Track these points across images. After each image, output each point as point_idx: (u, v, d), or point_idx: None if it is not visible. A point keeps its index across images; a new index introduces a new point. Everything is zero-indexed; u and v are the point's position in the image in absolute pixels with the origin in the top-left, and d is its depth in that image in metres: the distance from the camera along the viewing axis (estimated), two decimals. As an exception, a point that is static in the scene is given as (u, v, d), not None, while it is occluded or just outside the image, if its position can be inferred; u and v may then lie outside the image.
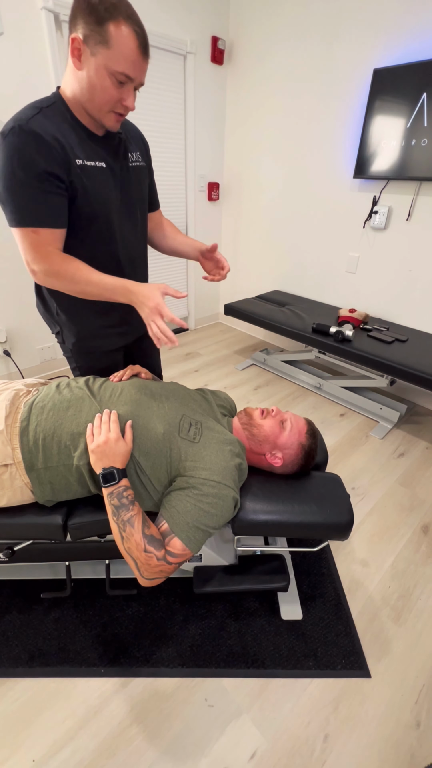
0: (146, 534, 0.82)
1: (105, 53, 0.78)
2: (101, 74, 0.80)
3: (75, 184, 0.88)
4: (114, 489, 0.84)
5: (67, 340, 1.14)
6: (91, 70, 0.80)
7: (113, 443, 0.85)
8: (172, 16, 2.27)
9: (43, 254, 0.90)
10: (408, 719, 0.99)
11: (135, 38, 0.78)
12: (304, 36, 2.20)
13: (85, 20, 0.76)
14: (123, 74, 0.80)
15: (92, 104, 0.85)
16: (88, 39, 0.77)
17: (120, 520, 0.82)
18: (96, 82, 0.81)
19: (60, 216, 0.90)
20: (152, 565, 0.81)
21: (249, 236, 3.03)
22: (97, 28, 0.76)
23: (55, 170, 0.84)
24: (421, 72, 1.76)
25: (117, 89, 0.82)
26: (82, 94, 0.85)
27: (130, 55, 0.79)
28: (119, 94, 0.83)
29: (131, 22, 0.77)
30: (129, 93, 0.84)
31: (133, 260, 1.12)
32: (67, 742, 0.93)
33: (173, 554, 0.82)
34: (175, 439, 0.91)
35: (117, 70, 0.79)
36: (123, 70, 0.80)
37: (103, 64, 0.79)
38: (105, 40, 0.76)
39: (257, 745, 0.94)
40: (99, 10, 0.75)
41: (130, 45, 0.78)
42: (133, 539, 0.81)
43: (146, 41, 0.81)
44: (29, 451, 0.89)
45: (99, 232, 0.98)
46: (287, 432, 1.02)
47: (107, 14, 0.75)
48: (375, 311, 2.40)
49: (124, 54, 0.78)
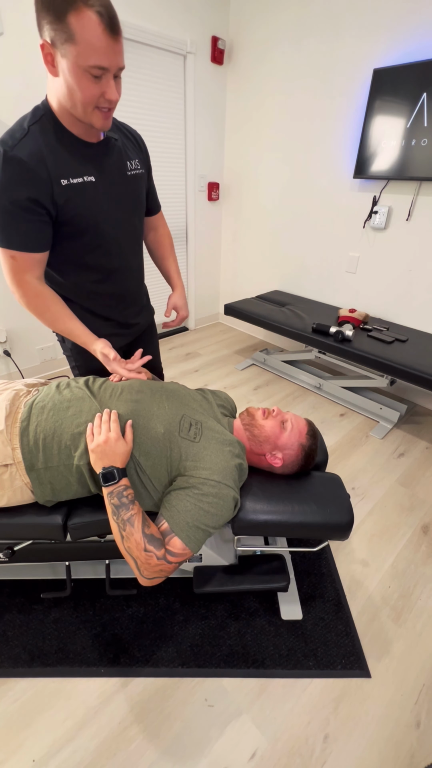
0: (146, 533, 0.82)
1: (73, 50, 0.72)
2: (76, 73, 0.75)
3: (60, 203, 0.89)
4: (114, 488, 0.84)
5: (67, 339, 1.14)
6: (65, 72, 0.76)
7: (113, 443, 0.85)
8: (172, 16, 2.27)
9: (19, 281, 0.94)
10: (408, 719, 0.99)
11: (99, 21, 0.70)
12: (304, 36, 2.20)
13: (47, 21, 0.71)
14: (96, 67, 0.74)
15: (75, 108, 0.81)
16: (55, 40, 0.72)
17: (120, 520, 0.82)
18: (73, 83, 0.77)
19: (39, 241, 0.91)
20: (152, 565, 0.81)
21: (249, 236, 3.03)
22: (59, 25, 0.70)
23: (38, 197, 0.85)
24: (421, 72, 1.76)
25: (95, 84, 0.77)
26: (64, 101, 0.81)
27: (98, 43, 0.72)
28: (99, 89, 0.78)
29: (91, 2, 0.69)
30: (108, 84, 0.79)
31: (128, 267, 1.13)
32: (67, 742, 0.93)
33: (173, 553, 0.82)
34: (175, 439, 0.91)
35: (89, 64, 0.73)
36: (95, 62, 0.73)
37: (74, 62, 0.73)
38: (70, 37, 0.70)
39: (257, 745, 0.94)
40: (55, 3, 0.69)
41: (95, 31, 0.70)
42: (133, 538, 0.81)
43: (113, 20, 0.72)
44: (29, 451, 0.89)
45: (89, 243, 0.99)
46: (288, 432, 1.02)
47: (64, 5, 0.68)
48: (375, 311, 2.40)
49: (91, 44, 0.71)
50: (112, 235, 1.02)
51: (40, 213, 0.87)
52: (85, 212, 0.94)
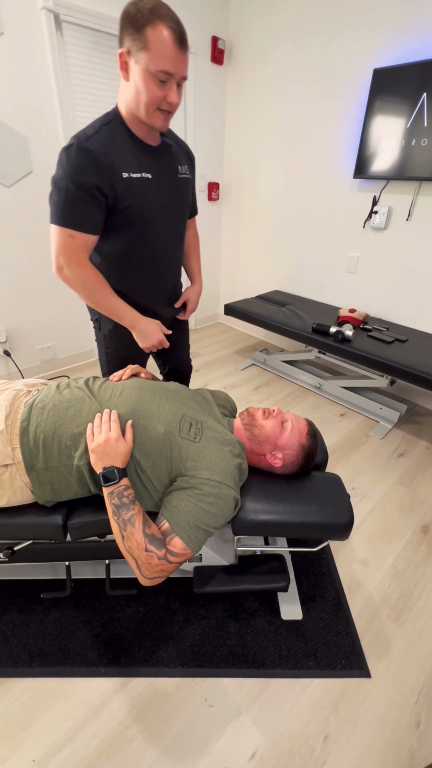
0: (147, 533, 0.82)
1: (145, 56, 0.85)
2: (144, 77, 0.88)
3: (119, 192, 0.99)
4: (114, 488, 0.84)
5: (104, 327, 1.26)
6: (136, 76, 0.89)
7: (113, 442, 0.85)
8: (172, 16, 2.26)
9: (77, 260, 1.02)
10: (408, 719, 0.99)
11: (171, 34, 0.84)
12: (304, 36, 2.20)
13: (128, 33, 0.85)
14: (163, 72, 0.87)
15: (140, 109, 0.93)
16: (131, 49, 0.86)
17: (121, 520, 0.82)
18: (141, 86, 0.89)
19: (97, 225, 1.02)
20: (153, 564, 0.81)
21: (249, 236, 3.03)
22: (137, 36, 0.84)
23: (101, 185, 0.95)
24: (421, 72, 1.76)
25: (159, 88, 0.89)
26: (132, 103, 0.94)
27: (167, 51, 0.85)
28: (162, 93, 0.90)
29: (166, 19, 0.83)
30: (171, 89, 0.91)
31: (168, 261, 1.23)
32: (67, 742, 0.93)
33: (174, 553, 0.82)
34: (176, 439, 0.91)
35: (157, 69, 0.86)
36: (162, 67, 0.86)
37: (145, 67, 0.86)
38: (144, 45, 0.84)
39: (257, 745, 0.94)
40: (137, 19, 0.83)
41: (166, 41, 0.84)
42: (134, 538, 0.81)
43: (183, 35, 0.86)
44: (29, 451, 0.89)
45: (138, 233, 1.09)
46: (288, 433, 1.02)
47: (144, 20, 0.82)
48: (375, 311, 2.40)
49: (161, 51, 0.84)
50: (159, 228, 1.12)
51: (101, 200, 0.98)
52: (140, 204, 1.04)
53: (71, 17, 1.87)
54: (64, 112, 2.01)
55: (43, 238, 2.18)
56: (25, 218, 2.08)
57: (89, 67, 2.03)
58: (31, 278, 2.23)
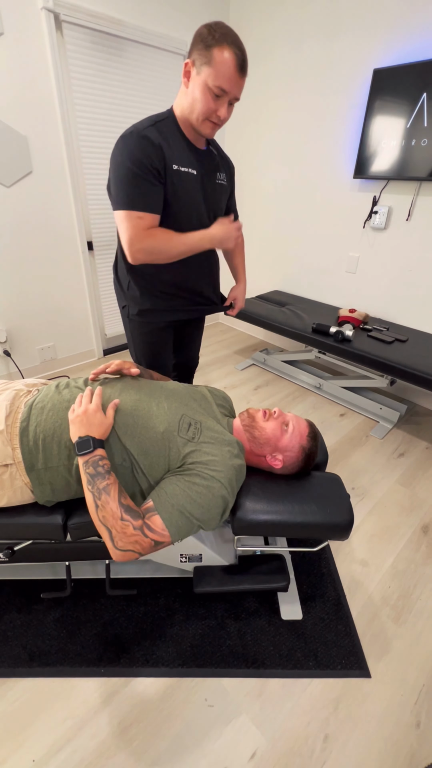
0: (122, 503, 0.82)
1: (207, 71, 0.96)
2: (202, 88, 0.98)
3: (167, 183, 1.06)
4: (89, 458, 0.84)
5: (131, 312, 1.31)
6: (195, 86, 0.99)
7: (91, 413, 0.87)
8: (172, 16, 2.26)
9: (146, 234, 1.06)
10: (408, 719, 0.99)
11: (234, 58, 0.95)
12: (304, 36, 2.20)
13: (197, 48, 0.96)
14: (219, 88, 0.97)
15: (192, 115, 1.04)
16: (196, 61, 0.97)
17: (95, 489, 0.82)
18: (198, 95, 1.00)
19: (159, 204, 1.07)
20: (128, 534, 0.80)
21: (249, 236, 3.02)
22: (204, 52, 0.95)
23: (158, 167, 1.02)
24: (421, 72, 1.76)
25: (214, 101, 1.00)
26: (187, 109, 1.04)
27: (227, 72, 0.96)
28: (215, 106, 1.01)
29: (234, 46, 0.95)
30: (223, 105, 1.02)
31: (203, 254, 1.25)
32: (67, 742, 0.93)
33: (151, 529, 0.82)
34: (174, 438, 0.91)
35: (215, 84, 0.97)
36: (220, 84, 0.97)
37: (204, 80, 0.97)
38: (208, 61, 0.95)
39: (257, 745, 0.94)
40: (208, 39, 0.94)
41: (228, 63, 0.95)
42: (108, 507, 0.81)
43: (245, 62, 0.98)
44: (29, 451, 0.89)
45: (179, 223, 1.13)
46: (289, 435, 1.01)
47: (214, 42, 0.94)
48: (375, 311, 2.40)
49: (221, 71, 0.95)
50: (196, 222, 1.18)
51: (160, 180, 1.04)
52: (184, 196, 1.11)
53: (71, 17, 1.87)
54: (64, 112, 2.01)
55: (42, 237, 2.18)
56: (25, 218, 2.08)
57: (89, 67, 2.03)
58: (31, 278, 2.23)
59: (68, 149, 2.08)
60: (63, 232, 2.26)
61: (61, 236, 2.26)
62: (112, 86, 2.15)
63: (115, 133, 2.21)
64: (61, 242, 2.28)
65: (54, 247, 2.25)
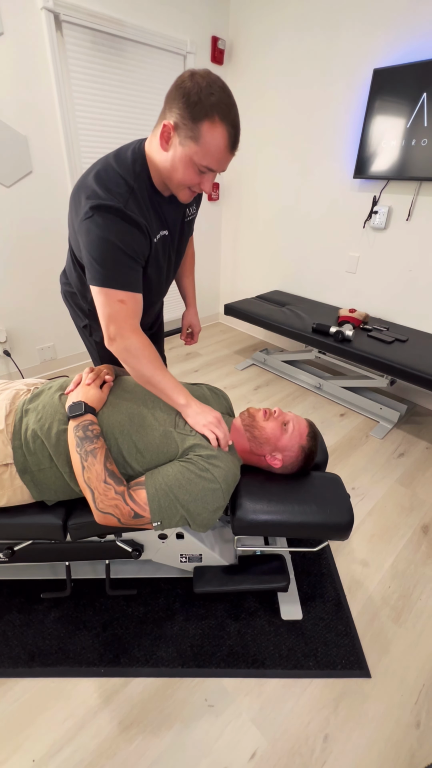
0: (108, 467, 0.84)
1: (192, 147, 0.79)
2: (185, 162, 0.82)
3: (149, 256, 0.96)
4: (80, 421, 0.87)
5: (95, 333, 1.18)
6: (177, 156, 0.82)
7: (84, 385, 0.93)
8: (172, 16, 2.26)
9: (133, 327, 0.92)
10: (408, 719, 0.99)
11: (226, 138, 0.79)
12: (303, 37, 2.20)
13: (180, 112, 0.77)
14: (206, 167, 0.83)
15: (170, 181, 0.88)
16: (179, 130, 0.79)
17: (83, 451, 0.84)
18: (179, 167, 0.84)
19: (140, 286, 0.94)
20: (109, 497, 0.82)
21: (249, 236, 3.03)
22: (190, 124, 0.77)
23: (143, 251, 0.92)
24: (421, 72, 1.76)
25: (198, 176, 0.85)
26: (163, 169, 0.87)
27: (217, 154, 0.81)
28: (199, 179, 0.86)
29: (226, 121, 0.77)
30: (208, 179, 0.87)
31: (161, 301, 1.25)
32: (67, 742, 0.93)
33: (133, 499, 0.83)
34: (172, 435, 0.93)
35: (201, 163, 0.82)
36: (207, 164, 0.82)
37: (189, 155, 0.81)
38: (195, 137, 0.78)
39: (257, 745, 0.94)
40: (197, 108, 0.75)
41: (219, 144, 0.79)
42: (93, 469, 0.83)
43: (237, 138, 0.82)
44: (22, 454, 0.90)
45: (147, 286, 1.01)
46: (289, 435, 1.01)
47: (203, 114, 0.75)
48: (375, 311, 2.40)
49: (211, 152, 0.80)
50: (164, 278, 1.10)
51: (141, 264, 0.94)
52: (159, 261, 1.02)
53: (71, 17, 1.87)
54: (64, 112, 2.01)
55: (42, 237, 2.18)
56: (24, 218, 2.08)
57: (89, 66, 2.03)
58: (31, 278, 2.23)
59: (68, 149, 2.08)
60: (63, 232, 2.26)
61: (60, 236, 2.26)
62: (112, 86, 2.15)
63: (115, 133, 2.22)
64: (61, 242, 2.28)
65: (54, 247, 2.25)
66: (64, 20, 1.85)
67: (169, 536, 1.10)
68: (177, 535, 1.10)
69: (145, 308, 1.06)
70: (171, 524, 0.87)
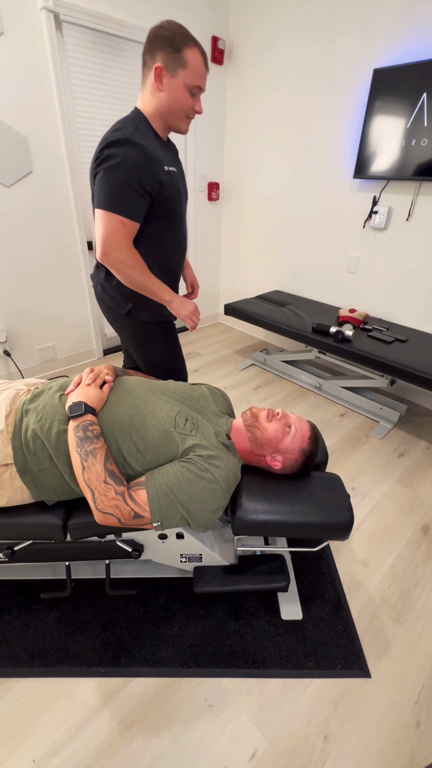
0: (108, 468, 0.84)
1: (183, 73, 1.03)
2: (181, 90, 1.05)
3: (164, 183, 1.10)
4: (80, 421, 0.87)
5: (142, 313, 1.28)
6: (172, 88, 1.05)
7: (84, 386, 0.93)
8: (172, 16, 2.26)
9: (127, 245, 1.10)
10: (408, 719, 0.99)
11: (202, 57, 1.04)
12: (304, 36, 2.20)
13: (164, 51, 1.00)
14: (196, 86, 1.06)
15: (172, 115, 1.10)
16: (168, 65, 1.01)
17: (83, 451, 0.84)
18: (177, 96, 1.06)
19: (142, 215, 1.10)
20: (109, 497, 0.82)
21: (249, 236, 3.03)
22: (175, 55, 1.00)
23: (151, 181, 1.06)
24: (421, 72, 1.76)
25: (191, 99, 1.09)
26: (162, 109, 1.09)
27: (201, 71, 1.05)
28: (192, 103, 1.10)
29: (198, 46, 1.03)
30: (198, 100, 1.11)
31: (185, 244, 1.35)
32: (67, 742, 0.93)
33: (133, 500, 0.83)
34: (172, 435, 0.92)
35: (193, 84, 1.05)
36: (197, 83, 1.06)
37: (182, 81, 1.04)
38: (183, 63, 1.01)
39: (257, 745, 0.94)
40: (175, 42, 0.99)
41: (200, 63, 1.04)
42: (94, 469, 0.83)
43: (207, 59, 1.07)
44: (23, 453, 0.89)
45: (172, 221, 1.20)
46: (290, 437, 1.01)
47: (182, 44, 1.00)
48: (375, 311, 2.40)
49: (197, 70, 1.04)
50: (183, 216, 1.26)
51: (149, 193, 1.08)
52: (176, 194, 1.17)
53: (71, 17, 1.87)
54: (64, 112, 2.01)
55: (42, 237, 2.18)
56: (25, 218, 2.08)
57: (89, 66, 2.03)
58: (31, 278, 2.23)
59: (68, 149, 2.08)
60: (63, 232, 2.26)
61: (61, 236, 2.26)
62: (112, 86, 2.15)
63: (115, 133, 2.21)
64: (61, 242, 2.28)
65: (54, 247, 2.25)
66: (64, 20, 1.85)
67: (169, 536, 1.10)
68: (177, 535, 1.10)
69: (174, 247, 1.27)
70: (171, 524, 0.87)
